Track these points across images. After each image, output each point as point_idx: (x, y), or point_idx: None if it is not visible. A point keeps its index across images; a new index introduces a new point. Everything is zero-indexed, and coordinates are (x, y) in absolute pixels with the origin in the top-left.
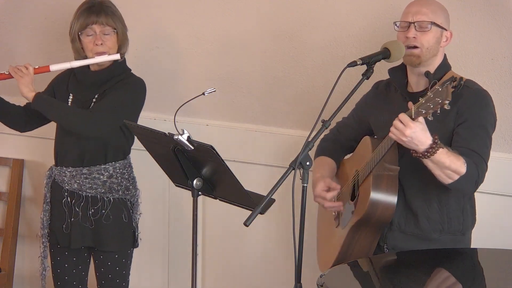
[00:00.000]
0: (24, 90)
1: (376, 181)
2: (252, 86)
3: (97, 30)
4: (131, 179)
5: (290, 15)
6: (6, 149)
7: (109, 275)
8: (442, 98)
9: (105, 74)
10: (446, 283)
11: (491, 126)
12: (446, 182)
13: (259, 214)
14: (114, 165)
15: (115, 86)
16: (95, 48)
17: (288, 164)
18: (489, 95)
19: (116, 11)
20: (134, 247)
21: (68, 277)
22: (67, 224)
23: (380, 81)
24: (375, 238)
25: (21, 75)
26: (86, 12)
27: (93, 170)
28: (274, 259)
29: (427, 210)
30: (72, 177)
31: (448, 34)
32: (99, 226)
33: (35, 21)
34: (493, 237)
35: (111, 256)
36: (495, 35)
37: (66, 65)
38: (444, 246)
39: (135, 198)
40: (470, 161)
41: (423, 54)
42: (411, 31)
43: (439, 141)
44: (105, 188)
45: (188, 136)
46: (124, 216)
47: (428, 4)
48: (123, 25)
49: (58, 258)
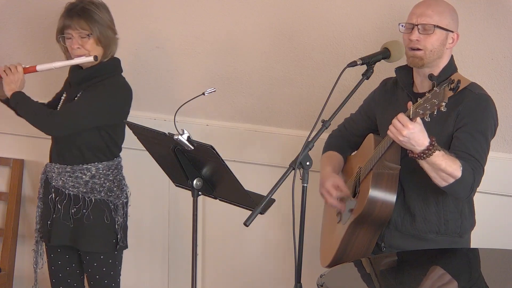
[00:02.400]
0: (6, 88)
1: (376, 179)
2: (252, 86)
3: (74, 34)
4: (116, 181)
5: (290, 15)
6: (6, 149)
7: (97, 276)
8: (439, 99)
9: (87, 72)
10: (445, 283)
11: (491, 132)
12: (441, 184)
13: (259, 214)
14: (97, 165)
15: (93, 86)
16: (73, 51)
17: (288, 164)
18: (491, 100)
19: (96, 13)
20: (118, 250)
21: (62, 275)
22: (51, 221)
23: (388, 78)
24: (374, 235)
25: (8, 73)
26: (64, 15)
27: (76, 169)
28: (274, 259)
29: (424, 211)
30: (58, 174)
31: (455, 36)
32: (80, 225)
33: (34, 22)
34: (493, 237)
35: (97, 257)
36: (495, 35)
37: (50, 65)
38: (441, 247)
39: (119, 200)
40: (467, 166)
41: (426, 57)
42: (415, 33)
43: (436, 144)
44: (87, 188)
45: (188, 136)
46: (105, 218)
47: (435, 6)
48: (104, 27)
49: (52, 255)
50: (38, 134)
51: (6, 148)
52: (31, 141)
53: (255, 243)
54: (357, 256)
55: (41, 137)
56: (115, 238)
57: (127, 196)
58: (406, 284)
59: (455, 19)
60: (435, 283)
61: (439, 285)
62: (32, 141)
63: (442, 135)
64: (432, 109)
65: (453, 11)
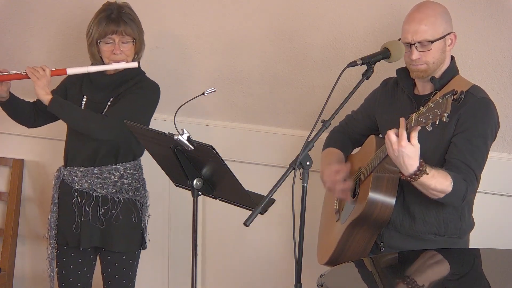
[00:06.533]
0: (40, 93)
1: (376, 182)
2: (252, 86)
3: (116, 39)
4: (141, 181)
5: (290, 15)
6: (6, 149)
7: (116, 275)
8: (441, 110)
9: (119, 77)
10: (444, 283)
11: (491, 137)
12: (432, 198)
13: (259, 214)
14: (125, 165)
15: (129, 89)
16: (113, 56)
17: (288, 164)
18: (493, 104)
19: (135, 17)
20: (142, 249)
21: (72, 279)
22: (77, 224)
23: (389, 78)
24: (372, 236)
25: (38, 76)
26: (105, 20)
27: (104, 170)
28: (274, 259)
29: (424, 214)
30: (83, 177)
31: (452, 37)
32: (109, 226)
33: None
34: (493, 237)
35: (119, 257)
36: (495, 35)
37: (83, 69)
38: (439, 247)
39: (144, 200)
40: (459, 178)
41: (430, 69)
42: (414, 53)
43: (424, 168)
44: (116, 188)
45: (188, 136)
46: (133, 217)
47: (426, 17)
48: (140, 31)
49: (64, 259)
50: (38, 134)
51: (6, 148)
52: (31, 141)
53: (255, 243)
54: (354, 255)
55: (41, 137)
56: (141, 237)
57: (148, 195)
58: (406, 284)
59: (448, 20)
60: (433, 282)
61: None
62: (32, 141)
63: (444, 140)
64: (434, 119)
65: (444, 12)
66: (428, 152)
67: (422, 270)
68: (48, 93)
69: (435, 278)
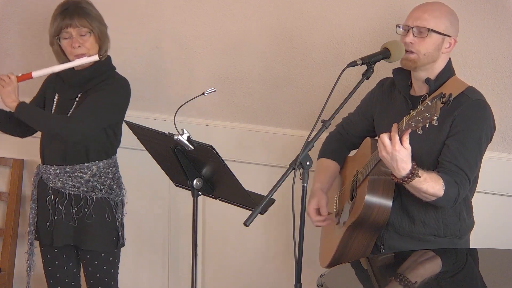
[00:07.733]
0: (7, 100)
1: (373, 185)
2: (252, 86)
3: (73, 32)
4: (115, 179)
5: (290, 15)
6: (6, 149)
7: (97, 274)
8: (431, 113)
9: (88, 73)
10: (444, 283)
11: (485, 139)
12: (424, 200)
13: (259, 214)
14: (98, 164)
15: (97, 86)
16: (73, 50)
17: (288, 164)
18: (488, 106)
19: (92, 10)
20: (118, 247)
21: (60, 275)
22: (51, 222)
23: (385, 78)
24: (372, 238)
25: (3, 84)
26: (60, 15)
27: (76, 168)
28: (274, 259)
29: (423, 215)
30: (56, 175)
31: (452, 41)
32: (82, 224)
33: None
34: (493, 237)
35: (97, 256)
36: (495, 35)
37: (48, 70)
38: (440, 247)
39: (119, 198)
40: (452, 181)
41: (419, 60)
42: (409, 36)
43: (416, 171)
44: (88, 187)
45: (188, 136)
46: (107, 216)
47: (432, 10)
48: (100, 24)
49: (48, 256)
50: (38, 134)
51: (6, 148)
52: (31, 141)
53: (255, 243)
54: (355, 257)
55: None
56: (116, 235)
57: (124, 193)
58: (406, 284)
59: (455, 24)
60: (433, 282)
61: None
62: (32, 141)
63: (439, 142)
64: (424, 122)
65: (453, 16)
66: (424, 154)
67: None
68: (14, 100)
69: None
